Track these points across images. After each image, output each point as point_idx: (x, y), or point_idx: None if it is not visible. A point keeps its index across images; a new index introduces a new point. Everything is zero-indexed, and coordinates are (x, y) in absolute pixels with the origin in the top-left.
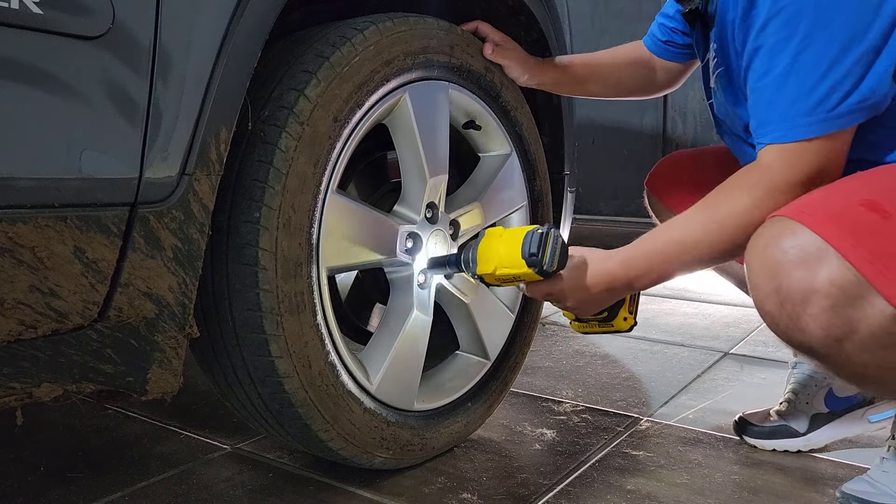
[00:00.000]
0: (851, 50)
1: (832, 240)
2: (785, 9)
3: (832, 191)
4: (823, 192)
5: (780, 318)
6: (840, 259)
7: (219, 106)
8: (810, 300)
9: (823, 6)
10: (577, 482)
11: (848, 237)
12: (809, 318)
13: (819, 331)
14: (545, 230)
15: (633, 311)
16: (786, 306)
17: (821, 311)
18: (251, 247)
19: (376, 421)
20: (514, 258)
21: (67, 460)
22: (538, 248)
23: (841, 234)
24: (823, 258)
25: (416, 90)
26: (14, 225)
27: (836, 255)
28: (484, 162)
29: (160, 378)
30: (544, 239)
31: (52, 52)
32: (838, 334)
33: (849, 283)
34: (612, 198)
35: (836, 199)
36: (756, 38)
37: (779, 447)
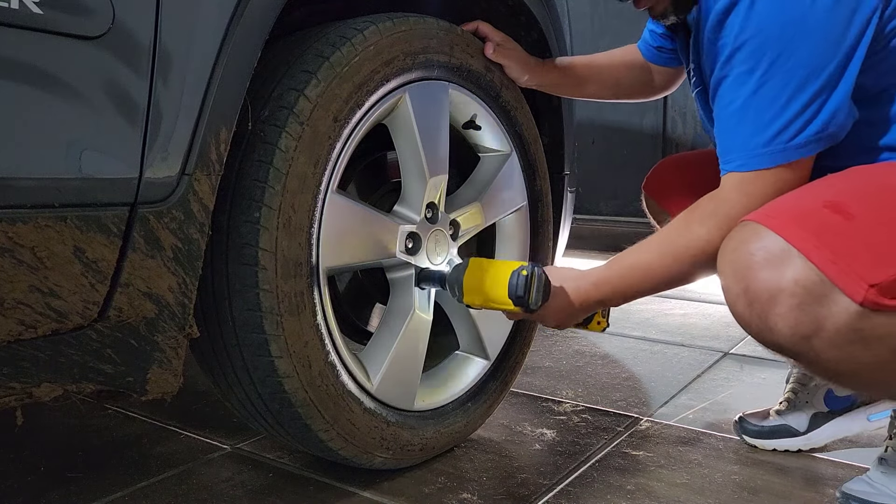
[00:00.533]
0: (810, 84)
1: (795, 241)
2: (748, 42)
3: (799, 194)
4: (791, 195)
5: (750, 319)
6: (803, 260)
7: (219, 106)
8: (777, 300)
9: (785, 41)
10: (577, 482)
11: (811, 238)
12: (777, 317)
13: (787, 329)
14: (529, 271)
15: (606, 315)
16: (754, 306)
17: (788, 310)
18: (251, 247)
19: (376, 421)
20: (502, 297)
21: (67, 460)
22: (525, 291)
23: (804, 235)
24: (787, 259)
25: (416, 90)
26: (14, 225)
27: (800, 255)
28: (484, 162)
29: (160, 378)
30: (529, 281)
31: (52, 52)
32: (806, 332)
33: (812, 283)
34: (612, 198)
35: (801, 201)
36: (721, 67)
37: (779, 447)
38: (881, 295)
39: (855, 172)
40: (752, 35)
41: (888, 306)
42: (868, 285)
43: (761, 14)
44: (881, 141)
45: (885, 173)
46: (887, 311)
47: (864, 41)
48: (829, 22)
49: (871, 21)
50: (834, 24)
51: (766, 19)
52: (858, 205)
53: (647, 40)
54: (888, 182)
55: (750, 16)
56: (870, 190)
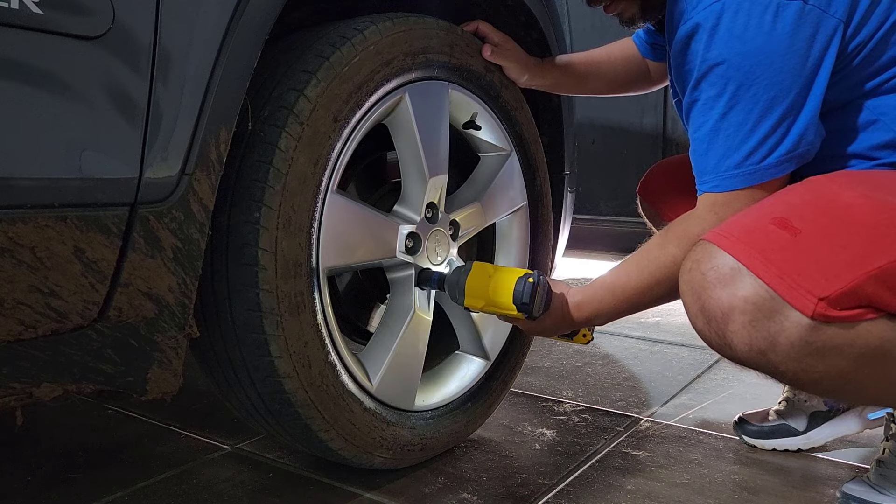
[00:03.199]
0: (776, 108)
1: (744, 259)
2: (713, 70)
3: (749, 212)
4: (742, 213)
5: (709, 335)
6: (752, 277)
7: (219, 106)
8: (730, 317)
9: (747, 68)
10: (577, 482)
11: (758, 256)
12: (732, 334)
13: (743, 345)
14: (536, 280)
15: (591, 328)
16: (711, 324)
17: (741, 327)
18: (251, 247)
19: (376, 421)
20: (505, 302)
21: (67, 460)
22: (530, 298)
23: (751, 253)
24: (737, 277)
25: (416, 90)
26: (14, 225)
27: (749, 273)
28: (484, 162)
29: (160, 378)
30: (535, 289)
31: (52, 52)
32: (761, 347)
33: (762, 300)
34: (612, 198)
35: (750, 219)
36: (690, 92)
37: (778, 446)
38: (830, 307)
39: (807, 185)
40: (715, 62)
41: (839, 318)
42: (817, 299)
43: (721, 42)
44: (849, 148)
45: (836, 185)
46: (838, 322)
47: (826, 63)
48: (790, 48)
49: (831, 43)
50: (794, 49)
51: (727, 48)
52: (804, 220)
53: (642, 36)
54: (836, 195)
55: (711, 44)
56: (818, 204)
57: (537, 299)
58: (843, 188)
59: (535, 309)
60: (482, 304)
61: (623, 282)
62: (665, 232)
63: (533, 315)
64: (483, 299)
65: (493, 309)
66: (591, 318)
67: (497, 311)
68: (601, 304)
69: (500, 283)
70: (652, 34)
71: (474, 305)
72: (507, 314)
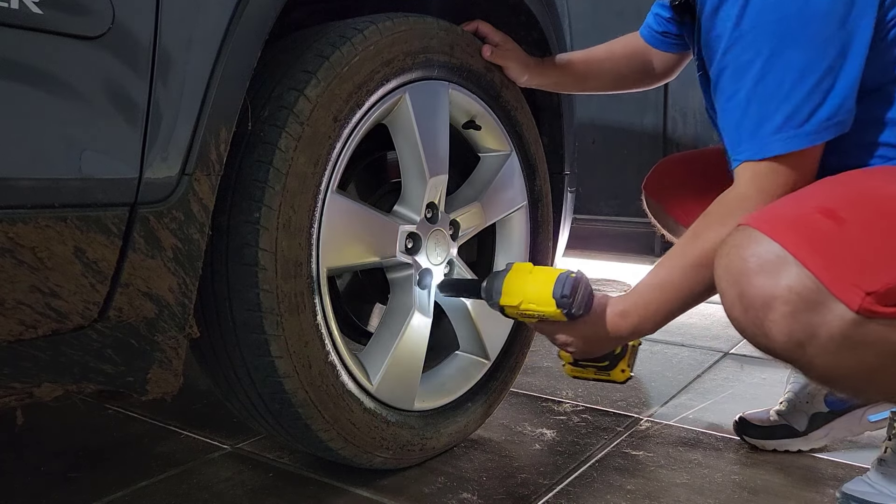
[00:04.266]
0: (813, 71)
1: (790, 247)
2: (745, 35)
3: (792, 199)
4: (785, 200)
5: (745, 324)
6: (798, 266)
7: (219, 106)
8: (771, 306)
9: (783, 31)
10: (577, 482)
11: (805, 244)
12: (771, 323)
13: (781, 336)
14: (578, 275)
15: (631, 365)
16: (749, 312)
17: (781, 317)
18: (251, 247)
19: (376, 421)
20: (544, 297)
21: (67, 460)
22: (571, 291)
23: (798, 241)
24: (782, 265)
25: (416, 90)
26: (14, 225)
27: (795, 262)
28: (484, 162)
29: (160, 378)
30: (576, 283)
31: (52, 52)
32: (800, 339)
33: (807, 290)
34: (612, 198)
35: (794, 207)
36: (721, 59)
37: (779, 447)
38: (877, 303)
39: (849, 177)
40: (749, 27)
41: (883, 314)
42: (864, 293)
43: (757, 6)
44: (879, 138)
45: (878, 179)
46: (880, 318)
47: (864, 29)
48: (829, 9)
49: (868, 8)
50: (832, 12)
51: (763, 11)
52: (850, 211)
53: (652, 25)
54: (879, 188)
55: (746, 9)
56: (863, 196)
57: (579, 295)
58: (886, 182)
59: (575, 305)
60: (519, 300)
61: (669, 277)
62: (705, 216)
63: (573, 312)
64: (520, 296)
65: (531, 307)
66: (639, 325)
67: (534, 310)
68: (648, 306)
69: (540, 278)
70: (664, 22)
71: (510, 303)
72: (545, 312)
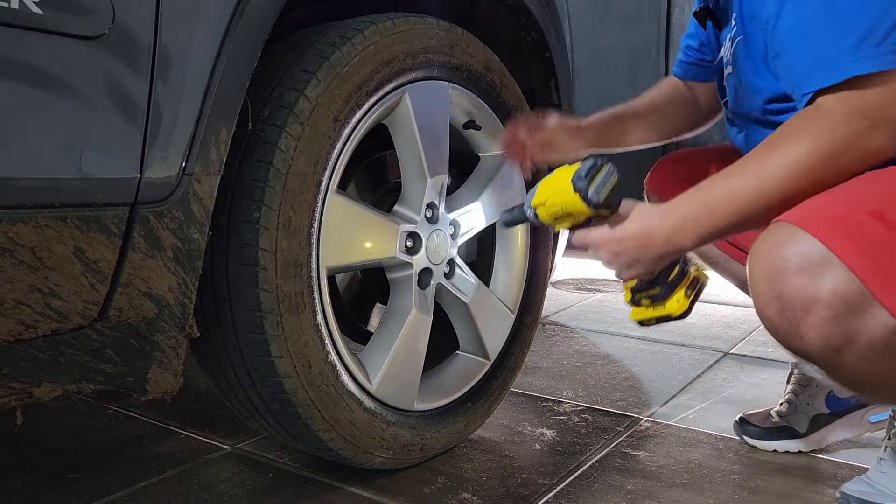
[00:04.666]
0: None
1: (836, 249)
2: None
3: (837, 196)
4: (828, 197)
5: (779, 325)
6: (844, 269)
7: (219, 106)
8: (811, 309)
9: None
10: (577, 482)
11: (852, 246)
12: (809, 326)
13: (818, 340)
14: (601, 161)
15: (691, 296)
16: (786, 313)
17: (821, 321)
18: (251, 247)
19: (376, 421)
20: (564, 185)
21: (67, 460)
22: (586, 173)
23: (845, 243)
24: (827, 267)
25: (416, 90)
26: (14, 225)
27: (840, 264)
28: (484, 162)
29: (160, 378)
30: (596, 168)
31: (52, 52)
32: (837, 344)
33: (851, 294)
34: None
35: (840, 205)
36: None
37: (779, 448)
38: None
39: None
40: None
41: None
42: None
43: None
44: None
45: None
46: None
47: None
48: None
49: None
50: None
51: None
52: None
53: (683, 60)
54: None
55: None
56: None
57: (597, 178)
58: None
59: (592, 188)
60: (545, 197)
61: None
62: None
63: (589, 196)
64: (547, 192)
65: (554, 199)
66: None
67: (558, 204)
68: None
69: (567, 171)
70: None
71: (539, 201)
72: (566, 202)
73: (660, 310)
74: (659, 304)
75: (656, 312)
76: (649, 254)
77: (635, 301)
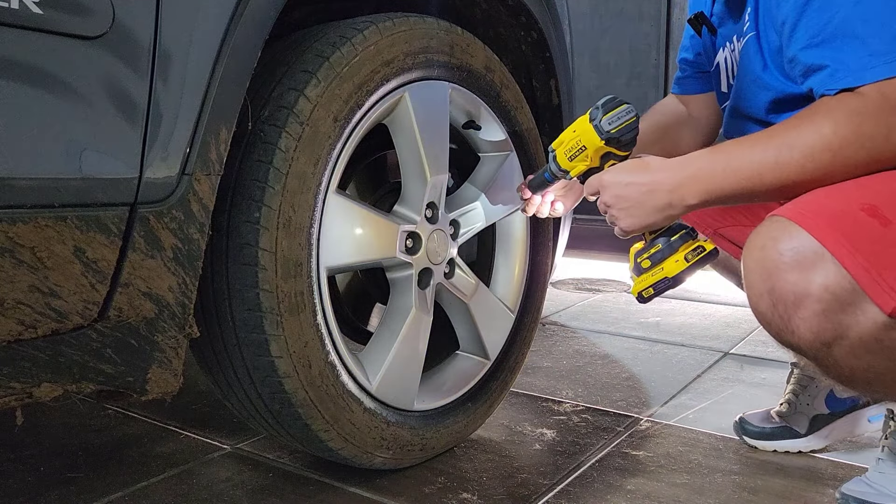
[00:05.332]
0: None
1: (829, 244)
2: None
3: (832, 193)
4: (824, 193)
5: (771, 319)
6: (836, 265)
7: (219, 106)
8: (802, 304)
9: None
10: (577, 482)
11: (845, 243)
12: (800, 321)
13: (809, 334)
14: (622, 100)
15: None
16: (778, 307)
17: (812, 315)
18: (251, 247)
19: (376, 421)
20: (582, 120)
21: (67, 460)
22: (604, 104)
23: (839, 238)
24: (819, 262)
25: (417, 90)
26: (14, 225)
27: (833, 260)
28: (484, 162)
29: (160, 378)
30: (615, 103)
31: (52, 52)
32: (828, 338)
33: (843, 290)
34: None
35: (836, 201)
36: None
37: (779, 448)
38: None
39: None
40: None
41: None
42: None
43: None
44: None
45: None
46: None
47: None
48: None
49: None
50: None
51: None
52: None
53: (680, 76)
54: None
55: None
56: None
57: (613, 112)
58: None
59: (607, 119)
60: (564, 136)
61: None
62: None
63: (600, 125)
64: (565, 132)
65: (572, 134)
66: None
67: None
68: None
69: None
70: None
71: (558, 143)
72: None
73: (658, 273)
74: (657, 266)
75: (654, 277)
76: (651, 201)
77: (637, 267)
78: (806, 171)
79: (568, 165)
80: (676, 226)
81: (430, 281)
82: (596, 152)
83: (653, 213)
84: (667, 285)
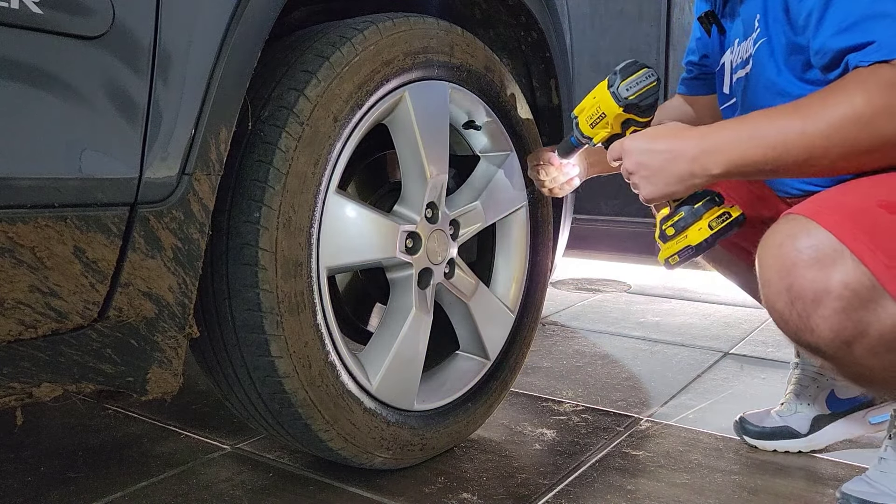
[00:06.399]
0: None
1: (848, 241)
2: None
3: (850, 189)
4: (841, 190)
5: (789, 318)
6: (856, 261)
7: (219, 106)
8: (822, 301)
9: None
10: (577, 482)
11: (865, 239)
12: (820, 318)
13: (829, 332)
14: (642, 64)
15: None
16: (796, 306)
17: (832, 313)
18: (251, 247)
19: (376, 421)
20: (602, 85)
21: (67, 460)
22: (622, 69)
23: (858, 235)
24: (839, 259)
25: (416, 90)
26: (14, 225)
27: (852, 257)
28: (484, 162)
29: (160, 378)
30: (635, 67)
31: (52, 52)
32: (848, 337)
33: (863, 287)
34: (612, 197)
35: (853, 198)
36: None
37: (780, 448)
38: None
39: None
40: None
41: None
42: None
43: None
44: None
45: None
46: None
47: None
48: None
49: None
50: None
51: None
52: None
53: (687, 77)
54: None
55: None
56: None
57: (631, 77)
58: None
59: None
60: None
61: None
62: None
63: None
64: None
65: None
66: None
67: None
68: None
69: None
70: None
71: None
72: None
73: (682, 241)
74: (681, 234)
75: (679, 245)
76: (674, 169)
77: (662, 234)
78: (833, 142)
79: (590, 132)
80: (702, 192)
81: (430, 281)
82: (615, 119)
83: (675, 182)
84: (692, 253)
